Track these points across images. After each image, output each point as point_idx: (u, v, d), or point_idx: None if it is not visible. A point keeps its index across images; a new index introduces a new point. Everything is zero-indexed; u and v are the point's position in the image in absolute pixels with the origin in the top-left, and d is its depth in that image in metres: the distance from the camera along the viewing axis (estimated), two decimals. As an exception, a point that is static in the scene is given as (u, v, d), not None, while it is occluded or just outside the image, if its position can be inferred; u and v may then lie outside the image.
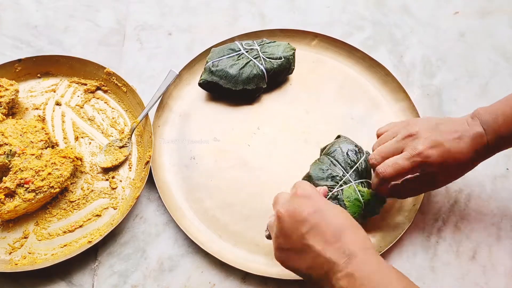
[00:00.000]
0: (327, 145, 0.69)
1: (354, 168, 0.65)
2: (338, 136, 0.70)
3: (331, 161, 0.66)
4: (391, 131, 0.62)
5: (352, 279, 0.46)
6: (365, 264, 0.47)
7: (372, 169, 0.63)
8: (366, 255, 0.48)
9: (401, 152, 0.59)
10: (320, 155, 0.70)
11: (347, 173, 0.64)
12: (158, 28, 0.88)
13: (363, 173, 0.65)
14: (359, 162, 0.65)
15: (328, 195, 0.63)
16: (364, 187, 0.64)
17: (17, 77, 0.79)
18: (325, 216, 0.51)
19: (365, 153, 0.67)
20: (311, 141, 0.75)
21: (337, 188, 0.63)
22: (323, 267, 0.49)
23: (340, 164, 0.65)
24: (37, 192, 0.65)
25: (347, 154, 0.66)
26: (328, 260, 0.48)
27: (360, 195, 0.63)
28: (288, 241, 0.51)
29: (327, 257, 0.48)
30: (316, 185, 0.64)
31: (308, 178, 0.66)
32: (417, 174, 0.57)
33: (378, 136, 0.65)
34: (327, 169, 0.65)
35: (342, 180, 0.64)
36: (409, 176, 0.58)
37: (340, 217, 0.51)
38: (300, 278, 0.63)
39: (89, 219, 0.68)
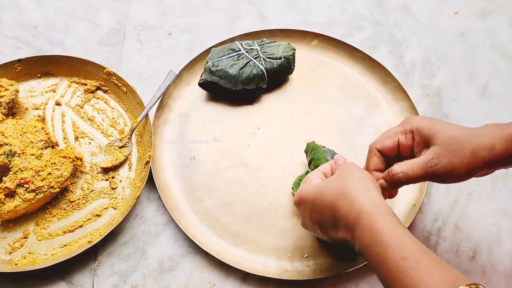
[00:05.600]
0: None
1: None
2: None
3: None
4: None
5: (362, 252, 0.48)
6: (364, 237, 0.47)
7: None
8: (361, 225, 0.47)
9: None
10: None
11: None
12: (158, 28, 0.88)
13: None
14: None
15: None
16: None
17: (17, 77, 0.79)
18: (318, 210, 0.53)
19: None
20: (311, 141, 0.74)
21: None
22: (349, 243, 0.51)
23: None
24: (37, 192, 0.65)
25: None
26: (345, 239, 0.51)
27: None
28: (317, 234, 0.57)
29: (343, 238, 0.51)
30: None
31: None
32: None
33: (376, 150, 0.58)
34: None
35: None
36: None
37: (326, 199, 0.52)
38: (299, 278, 0.63)
39: (89, 219, 0.68)
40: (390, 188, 0.55)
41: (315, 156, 0.67)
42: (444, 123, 0.55)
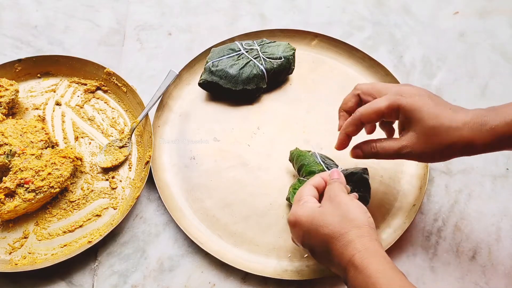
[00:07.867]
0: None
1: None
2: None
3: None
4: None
5: None
6: (356, 279, 0.49)
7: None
8: (353, 267, 0.49)
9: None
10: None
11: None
12: (158, 28, 0.88)
13: None
14: None
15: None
16: None
17: (17, 77, 0.79)
18: (312, 239, 0.53)
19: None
20: (311, 141, 0.75)
21: None
22: (337, 274, 0.53)
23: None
24: (37, 192, 0.65)
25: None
26: (335, 272, 0.53)
27: None
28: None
29: (334, 271, 0.53)
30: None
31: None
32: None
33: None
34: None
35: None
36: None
37: (320, 234, 0.52)
38: (299, 278, 0.63)
39: (89, 219, 0.68)
40: (364, 157, 0.60)
41: (304, 162, 0.67)
42: (428, 98, 0.55)
